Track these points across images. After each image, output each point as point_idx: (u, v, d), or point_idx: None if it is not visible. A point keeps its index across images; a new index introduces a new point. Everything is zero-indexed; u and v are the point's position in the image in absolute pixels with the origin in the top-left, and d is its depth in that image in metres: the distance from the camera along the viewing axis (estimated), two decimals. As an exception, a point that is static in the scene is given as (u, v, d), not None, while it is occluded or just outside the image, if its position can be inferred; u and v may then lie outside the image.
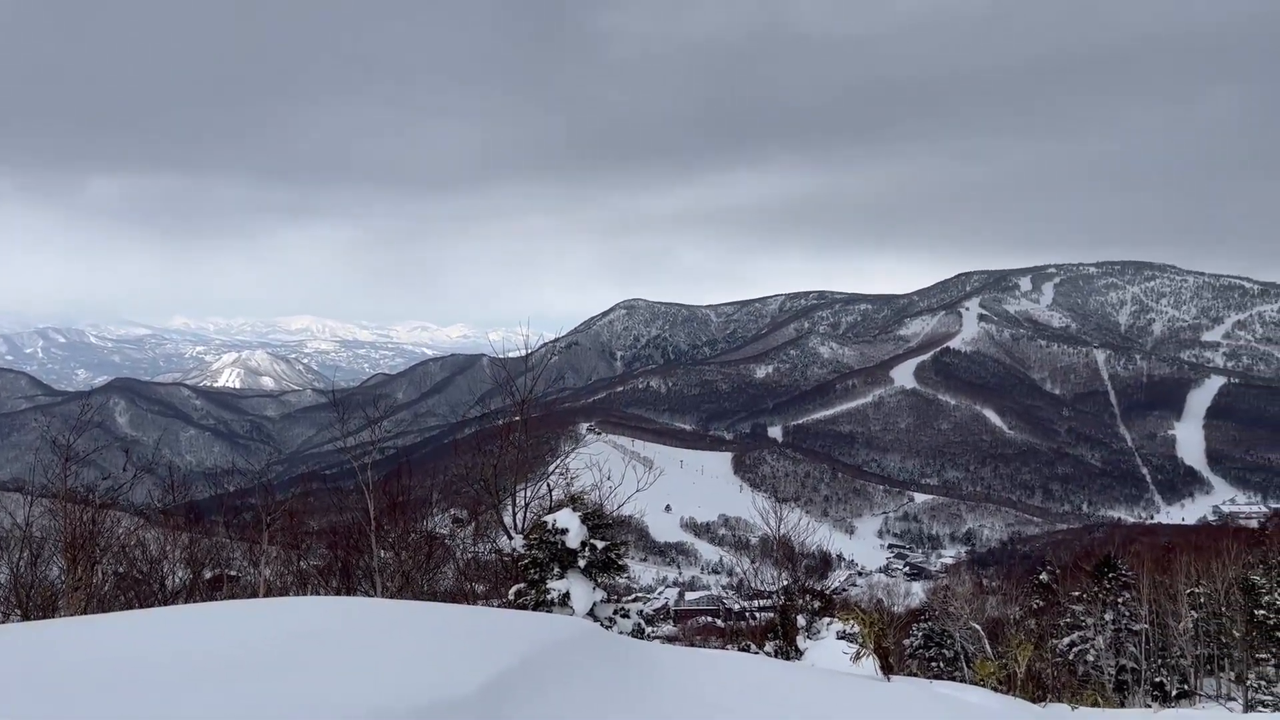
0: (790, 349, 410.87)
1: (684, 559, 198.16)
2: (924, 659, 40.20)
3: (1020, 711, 7.47)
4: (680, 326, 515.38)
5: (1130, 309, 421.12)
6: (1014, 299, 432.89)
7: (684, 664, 7.22)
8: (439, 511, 23.63)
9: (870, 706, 6.74)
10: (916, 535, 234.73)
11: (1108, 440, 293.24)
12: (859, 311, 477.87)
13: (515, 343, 18.85)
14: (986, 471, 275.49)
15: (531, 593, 10.83)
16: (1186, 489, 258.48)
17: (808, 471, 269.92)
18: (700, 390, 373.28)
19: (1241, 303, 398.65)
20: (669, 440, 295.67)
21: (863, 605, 46.18)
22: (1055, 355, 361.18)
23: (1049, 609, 49.30)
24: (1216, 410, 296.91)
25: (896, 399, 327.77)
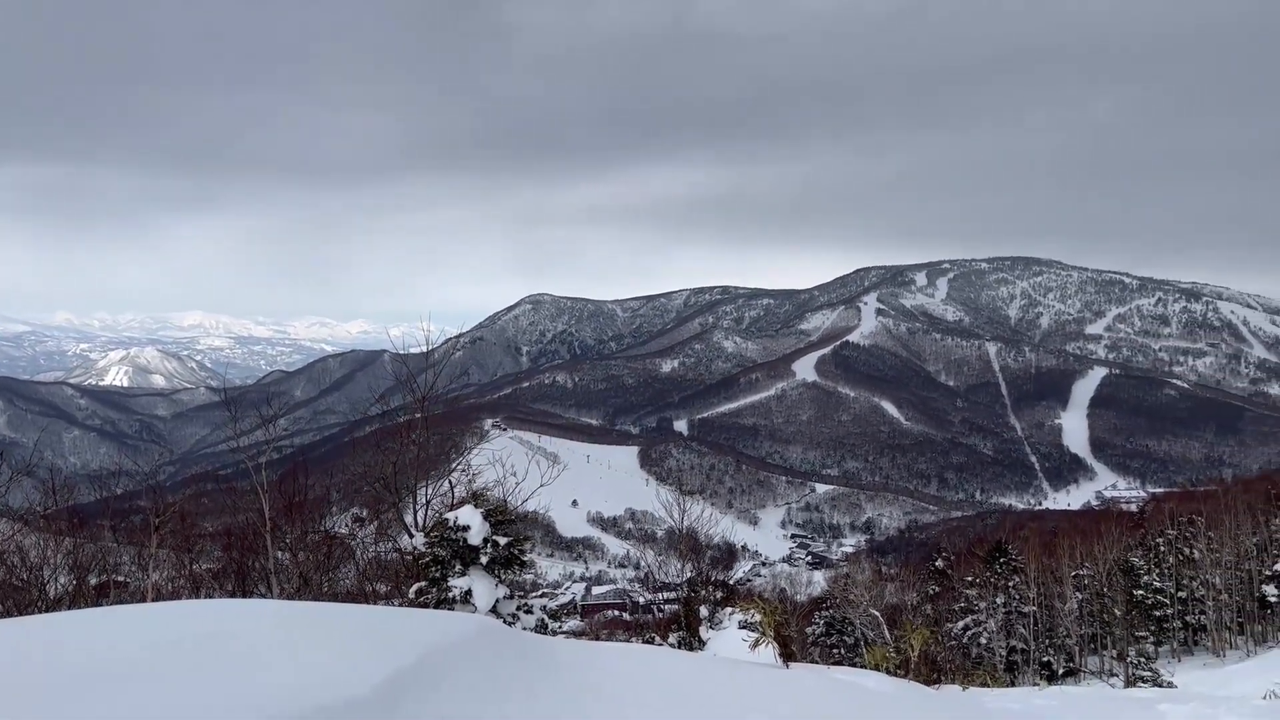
0: (695, 343, 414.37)
1: (591, 553, 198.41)
2: (826, 646, 41.12)
3: (913, 693, 7.70)
4: (587, 321, 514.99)
5: (1020, 303, 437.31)
6: (910, 294, 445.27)
7: (586, 657, 7.23)
8: (339, 511, 23.17)
9: (767, 693, 6.86)
10: (818, 525, 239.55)
11: (999, 430, 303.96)
12: (762, 306, 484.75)
13: (418, 338, 18.55)
14: (885, 461, 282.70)
15: (433, 591, 10.70)
16: (1072, 476, 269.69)
17: (713, 464, 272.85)
18: (607, 385, 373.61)
19: (1121, 297, 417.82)
20: (576, 435, 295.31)
21: (766, 595, 46.96)
22: (949, 348, 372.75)
23: (945, 594, 50.98)
24: (1099, 400, 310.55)
25: (798, 392, 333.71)
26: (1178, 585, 46.23)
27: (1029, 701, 8.11)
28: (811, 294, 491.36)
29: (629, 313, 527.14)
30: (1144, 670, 33.03)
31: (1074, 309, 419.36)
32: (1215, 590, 44.64)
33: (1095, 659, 47.69)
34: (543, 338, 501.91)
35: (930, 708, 7.34)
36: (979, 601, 46.09)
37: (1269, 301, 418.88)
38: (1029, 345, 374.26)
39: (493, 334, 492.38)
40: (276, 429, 19.61)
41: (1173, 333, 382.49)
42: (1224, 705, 7.93)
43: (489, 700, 5.30)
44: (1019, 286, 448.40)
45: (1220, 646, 43.94)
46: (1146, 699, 8.33)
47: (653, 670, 7.11)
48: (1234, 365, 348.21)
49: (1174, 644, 46.38)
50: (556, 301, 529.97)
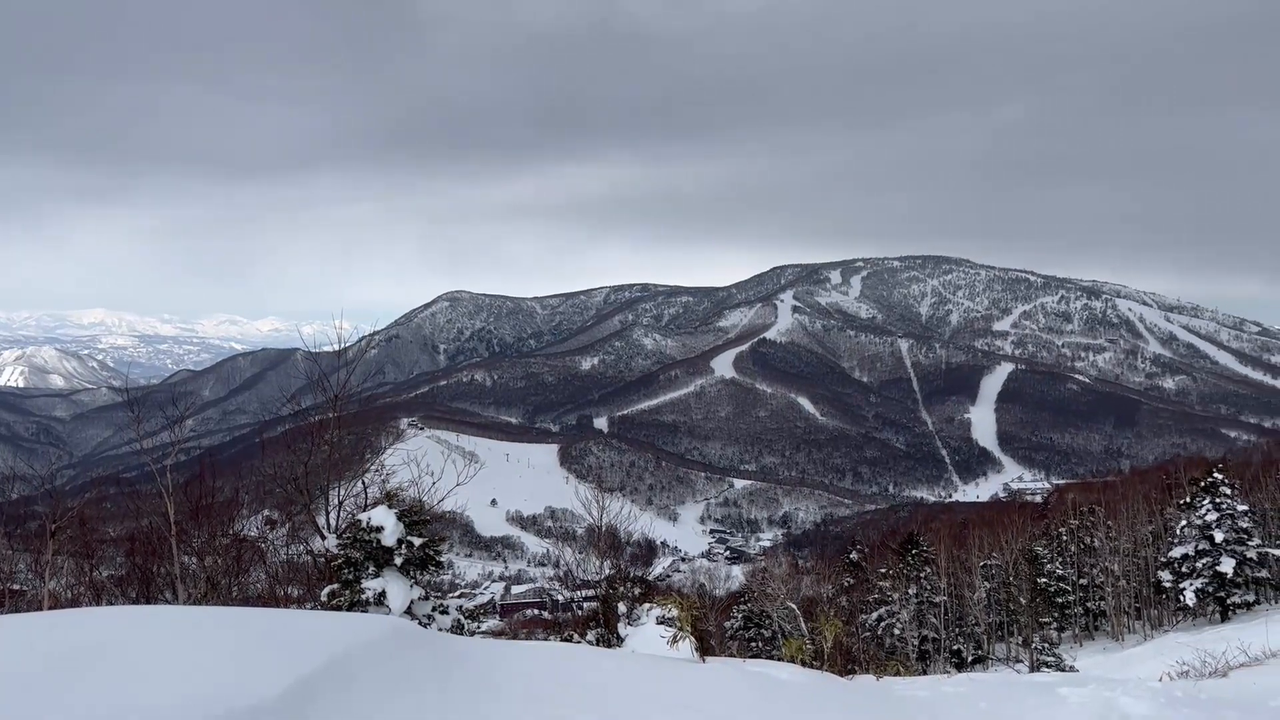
0: (615, 341, 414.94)
1: (511, 553, 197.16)
2: (744, 639, 41.55)
3: (825, 684, 7.83)
4: (505, 319, 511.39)
5: (930, 300, 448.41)
6: (825, 291, 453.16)
7: (501, 657, 7.18)
8: (250, 513, 22.59)
9: (682, 687, 6.90)
10: (737, 520, 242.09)
11: (911, 424, 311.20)
12: (681, 304, 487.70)
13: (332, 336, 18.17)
14: (801, 457, 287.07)
15: (346, 593, 10.50)
16: (980, 468, 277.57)
17: (633, 461, 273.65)
18: (526, 383, 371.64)
19: (1027, 294, 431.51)
20: (495, 434, 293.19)
21: (685, 591, 47.27)
22: (863, 345, 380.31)
23: (859, 586, 51.99)
24: (1006, 395, 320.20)
25: (717, 388, 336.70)
26: (1079, 573, 47.94)
27: (937, 689, 8.31)
28: (730, 291, 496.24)
29: (549, 310, 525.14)
30: (1048, 655, 34.17)
31: (982, 306, 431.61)
32: (1114, 577, 46.41)
33: (1003, 646, 49.20)
34: (460, 335, 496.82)
35: (841, 697, 7.47)
36: (892, 592, 47.10)
37: (1163, 299, 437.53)
38: (939, 342, 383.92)
39: (409, 332, 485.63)
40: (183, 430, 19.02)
41: (1075, 329, 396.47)
42: (1120, 687, 8.25)
43: (401, 702, 5.22)
44: (930, 285, 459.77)
45: (1119, 631, 45.71)
46: (1048, 683, 8.61)
47: (569, 668, 7.09)
48: (1131, 360, 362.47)
49: (1076, 629, 48.09)
50: (475, 299, 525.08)
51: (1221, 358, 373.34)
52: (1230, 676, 11.25)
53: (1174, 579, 41.46)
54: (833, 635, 10.23)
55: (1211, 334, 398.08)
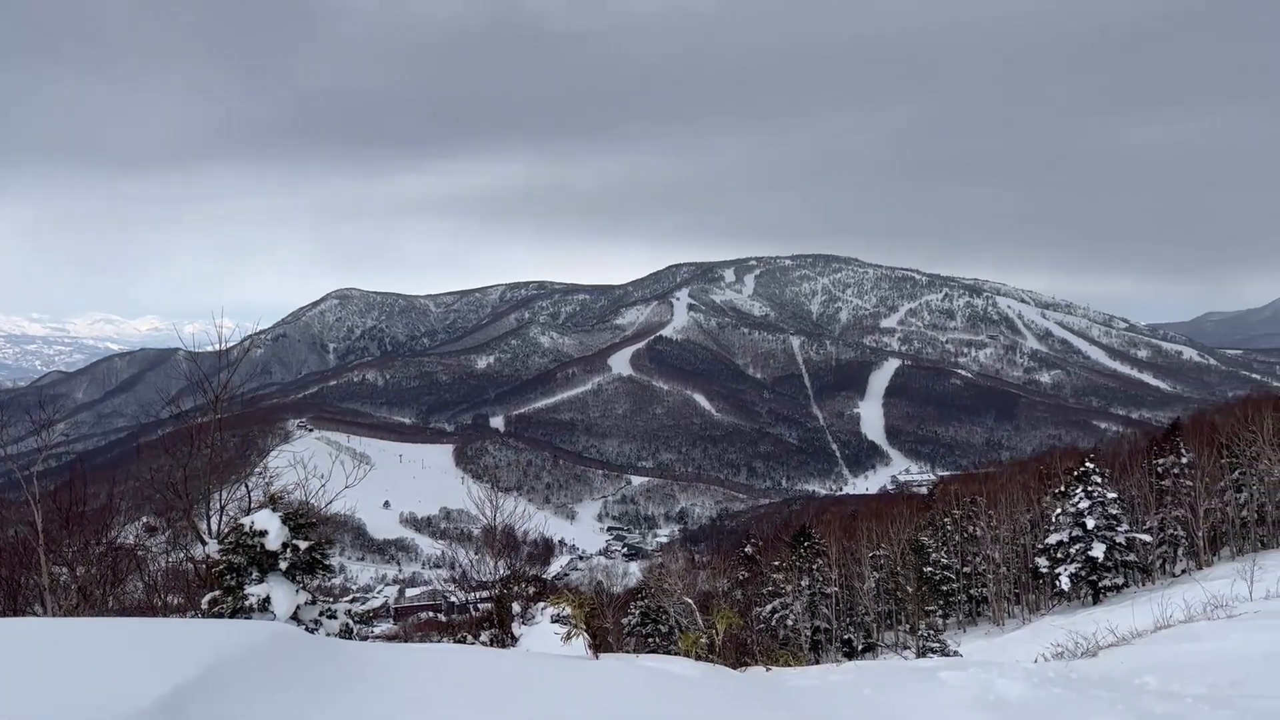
0: (511, 339, 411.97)
1: (405, 555, 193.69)
2: (641, 635, 41.72)
3: (717, 676, 7.92)
4: (398, 317, 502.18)
5: (821, 298, 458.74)
6: (720, 290, 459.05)
7: (391, 660, 7.04)
8: (127, 521, 21.63)
9: (575, 684, 6.89)
10: (634, 517, 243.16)
11: (803, 419, 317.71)
12: (578, 301, 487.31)
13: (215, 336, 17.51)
14: (697, 453, 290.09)
15: (228, 600, 10.14)
16: (870, 462, 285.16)
17: (530, 460, 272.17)
18: (420, 382, 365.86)
19: (913, 292, 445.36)
20: (388, 434, 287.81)
21: (582, 588, 47.24)
22: (757, 342, 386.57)
23: (754, 579, 52.85)
24: (893, 390, 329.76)
25: (614, 386, 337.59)
26: (963, 561, 49.69)
27: (826, 678, 8.50)
28: (627, 290, 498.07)
29: (443, 308, 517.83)
30: (933, 642, 35.30)
31: (870, 304, 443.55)
32: (995, 564, 48.27)
33: (891, 634, 50.65)
34: (351, 334, 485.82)
35: (732, 689, 7.57)
36: (786, 585, 48.03)
37: (1040, 297, 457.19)
38: (830, 339, 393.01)
39: (297, 330, 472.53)
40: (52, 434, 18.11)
41: (958, 326, 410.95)
42: (997, 670, 8.58)
43: (283, 708, 5.06)
44: (820, 283, 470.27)
45: (1000, 616, 47.57)
46: (930, 668, 8.89)
47: (460, 669, 7.01)
48: (1011, 356, 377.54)
49: (960, 616, 49.83)
50: (366, 296, 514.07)
51: (1093, 353, 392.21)
52: (1099, 656, 11.83)
53: (1050, 565, 43.36)
54: (724, 628, 10.36)
55: (1084, 330, 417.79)
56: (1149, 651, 11.41)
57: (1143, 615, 16.09)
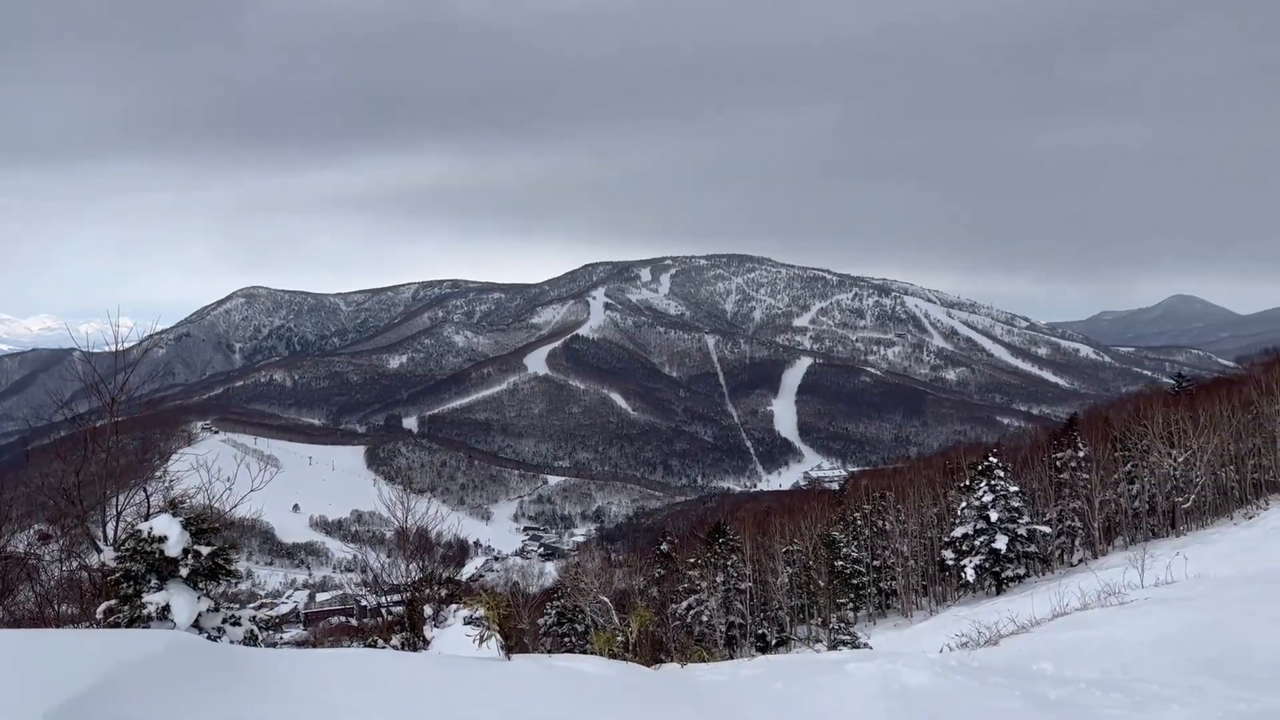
0: (425, 338, 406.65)
1: (315, 559, 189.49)
2: (557, 635, 41.58)
3: (630, 674, 7.94)
4: (307, 316, 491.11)
5: (735, 298, 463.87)
6: (636, 289, 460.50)
7: (298, 667, 6.88)
8: (18, 529, 20.69)
9: (486, 685, 6.84)
10: (550, 517, 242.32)
11: (718, 417, 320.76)
12: (493, 300, 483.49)
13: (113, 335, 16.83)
14: (614, 451, 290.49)
15: (125, 609, 9.78)
16: (783, 458, 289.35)
17: (444, 461, 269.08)
18: (330, 382, 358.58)
19: (824, 292, 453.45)
20: (296, 436, 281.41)
21: (498, 589, 46.86)
22: (673, 341, 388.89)
23: (670, 576, 53.15)
24: (805, 387, 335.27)
25: (530, 386, 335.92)
26: (873, 555, 50.78)
27: (737, 673, 8.59)
28: (542, 288, 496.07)
29: (354, 307, 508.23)
30: (844, 634, 35.96)
31: (783, 303, 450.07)
32: (904, 557, 49.45)
33: (804, 627, 51.48)
34: (258, 333, 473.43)
35: (644, 686, 7.61)
36: (701, 581, 48.40)
37: (946, 296, 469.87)
38: (744, 337, 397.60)
39: (201, 330, 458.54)
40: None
41: (867, 325, 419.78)
42: (902, 660, 8.80)
43: (182, 719, 4.91)
44: (734, 282, 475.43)
45: (908, 608, 48.74)
46: (839, 660, 9.07)
47: (369, 673, 6.89)
48: (918, 354, 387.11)
49: (870, 608, 50.91)
50: (274, 295, 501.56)
51: (996, 351, 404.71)
52: (1001, 645, 12.22)
53: (956, 557, 44.62)
54: (639, 625, 10.40)
55: (988, 329, 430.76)
56: (1047, 639, 11.82)
57: (1042, 604, 16.67)
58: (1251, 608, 11.97)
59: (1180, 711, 7.28)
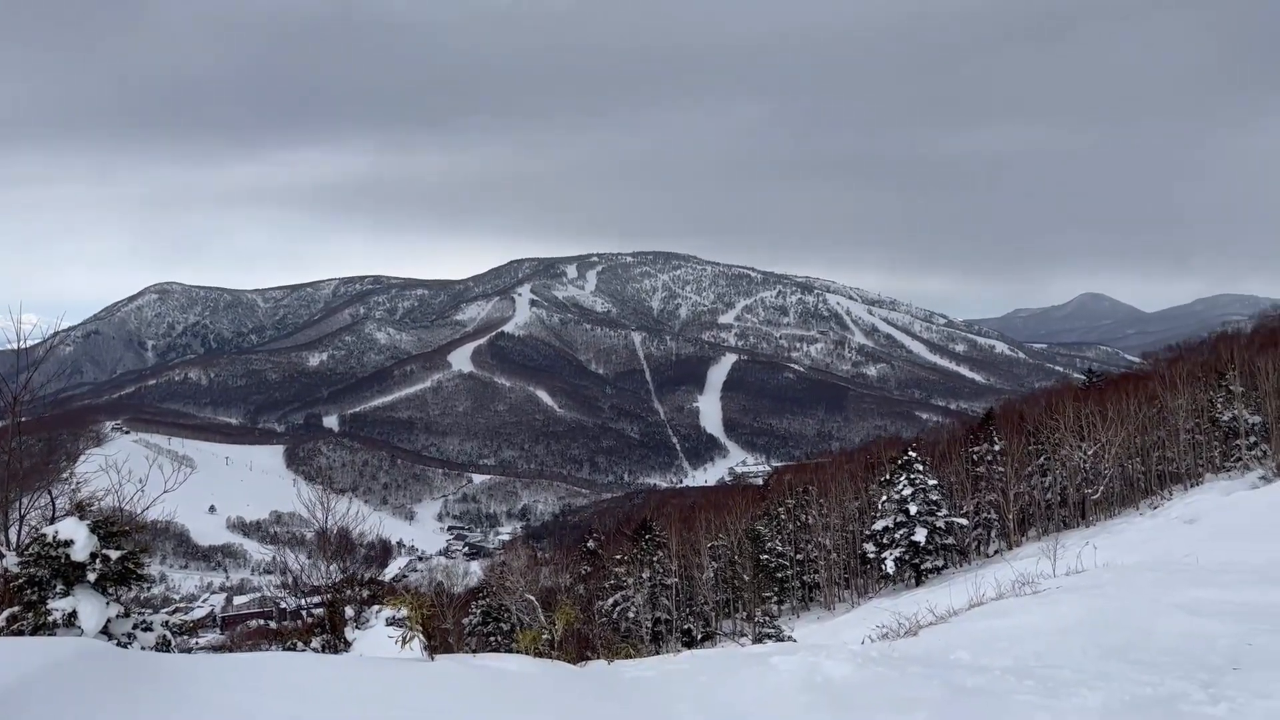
0: (346, 335, 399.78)
1: (233, 562, 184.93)
2: (483, 635, 41.29)
3: (555, 671, 7.91)
4: (223, 313, 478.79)
5: (661, 295, 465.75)
6: (562, 285, 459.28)
7: (212, 672, 6.70)
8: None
9: (407, 686, 6.75)
10: (476, 515, 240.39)
11: (645, 414, 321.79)
12: (416, 297, 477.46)
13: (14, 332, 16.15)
14: (540, 449, 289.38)
15: (29, 616, 9.40)
16: (709, 454, 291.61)
17: (366, 460, 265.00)
18: (248, 381, 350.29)
19: (749, 289, 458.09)
20: (212, 436, 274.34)
21: (422, 589, 46.30)
22: (599, 338, 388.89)
23: (596, 573, 53.15)
24: (730, 384, 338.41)
25: (455, 383, 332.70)
26: (796, 549, 51.49)
27: (662, 668, 8.62)
28: (467, 285, 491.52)
29: (272, 303, 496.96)
30: (769, 628, 36.40)
31: (709, 300, 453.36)
32: (826, 551, 50.23)
33: (729, 622, 51.94)
34: (172, 331, 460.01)
35: (569, 684, 7.58)
36: (627, 578, 48.50)
37: (867, 294, 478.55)
38: (670, 334, 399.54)
39: (112, 327, 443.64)
40: None
41: (791, 322, 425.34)
42: (825, 652, 8.93)
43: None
44: (660, 280, 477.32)
45: (831, 600, 49.55)
46: (763, 653, 9.16)
47: (288, 677, 6.73)
48: (840, 350, 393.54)
49: (794, 601, 51.62)
50: (188, 291, 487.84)
51: (915, 347, 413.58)
52: (920, 635, 12.49)
53: (877, 550, 45.49)
54: (564, 623, 10.37)
55: (907, 326, 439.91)
56: (964, 629, 12.12)
57: (960, 595, 17.07)
58: (1155, 595, 12.44)
59: (1089, 696, 7.53)
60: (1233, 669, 8.50)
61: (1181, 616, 10.93)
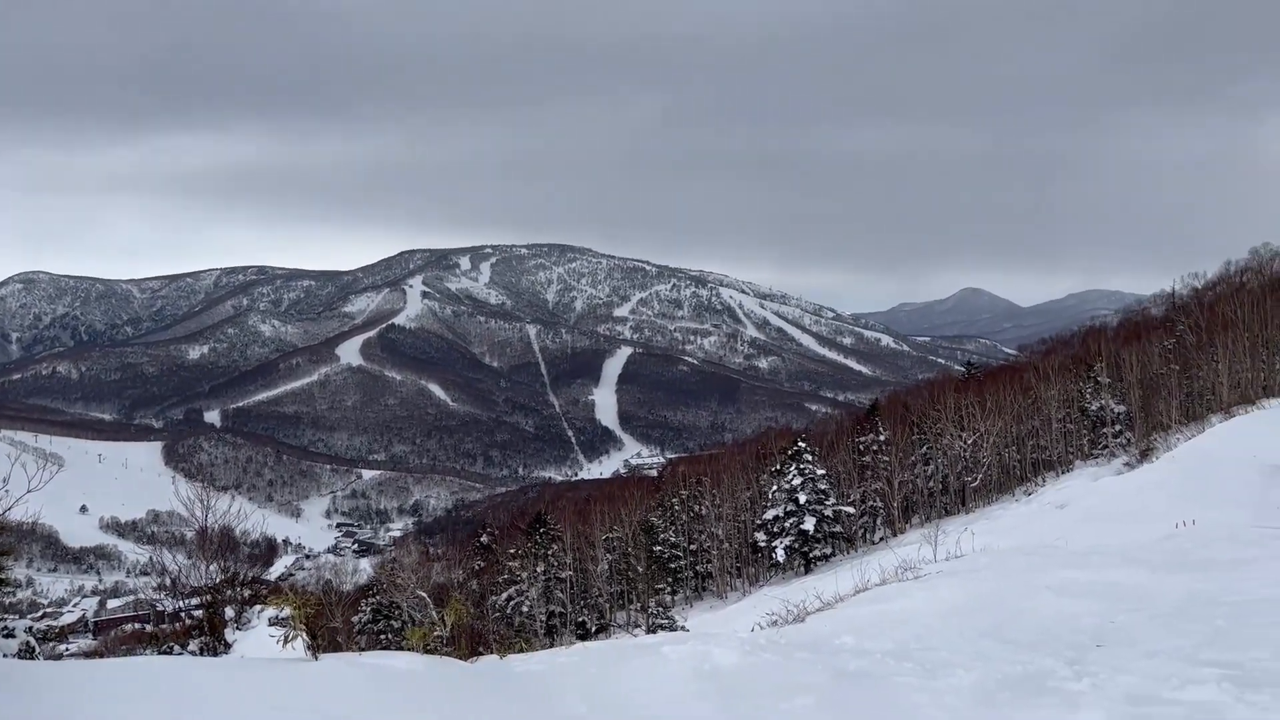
0: (228, 327, 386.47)
1: (106, 564, 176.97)
2: (373, 633, 40.52)
3: (443, 668, 7.82)
4: (95, 303, 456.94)
5: (557, 287, 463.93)
6: (455, 277, 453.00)
7: (81, 679, 6.38)
8: None
9: (289, 687, 6.57)
10: (365, 512, 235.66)
11: (540, 407, 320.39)
12: (303, 288, 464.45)
13: None
14: (432, 443, 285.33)
15: (-126, 627, 8.80)
16: (604, 447, 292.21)
17: (250, 456, 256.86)
18: (123, 375, 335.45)
19: (644, 283, 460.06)
20: (84, 433, 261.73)
21: (309, 588, 45.15)
22: (494, 330, 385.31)
23: (490, 568, 52.74)
24: (625, 376, 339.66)
25: (343, 377, 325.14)
26: (690, 539, 52.06)
27: (553, 661, 8.61)
28: (356, 276, 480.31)
29: (149, 294, 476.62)
30: (662, 618, 36.70)
31: (604, 293, 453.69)
32: (719, 540, 50.96)
33: (624, 613, 52.22)
34: (39, 322, 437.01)
35: (458, 680, 7.50)
36: (521, 572, 48.27)
37: (758, 288, 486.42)
38: (565, 327, 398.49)
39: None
40: None
41: (685, 315, 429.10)
42: (714, 641, 9.05)
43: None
44: (556, 272, 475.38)
45: (724, 589, 50.29)
46: (654, 643, 9.23)
47: (163, 682, 6.47)
48: (732, 344, 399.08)
49: (688, 591, 52.19)
50: (57, 280, 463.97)
51: (805, 340, 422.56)
52: (807, 622, 12.78)
53: (768, 539, 46.36)
54: (454, 618, 10.24)
55: (797, 319, 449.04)
56: (849, 614, 12.46)
57: (846, 581, 17.51)
58: (1029, 577, 13.01)
59: (965, 676, 7.83)
60: (1096, 646, 8.95)
61: (1051, 597, 11.46)
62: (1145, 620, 9.95)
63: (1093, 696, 7.12)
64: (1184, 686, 7.15)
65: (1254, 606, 10.20)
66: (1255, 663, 7.86)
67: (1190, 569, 12.77)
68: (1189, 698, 6.92)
